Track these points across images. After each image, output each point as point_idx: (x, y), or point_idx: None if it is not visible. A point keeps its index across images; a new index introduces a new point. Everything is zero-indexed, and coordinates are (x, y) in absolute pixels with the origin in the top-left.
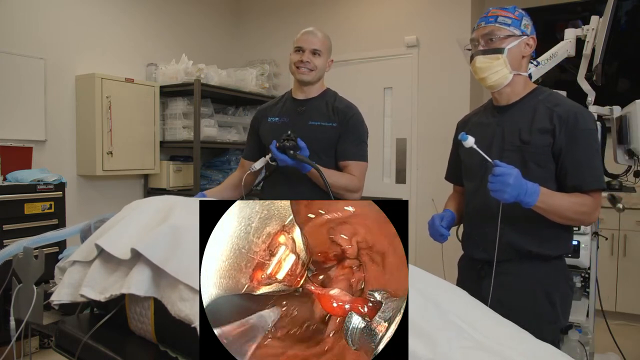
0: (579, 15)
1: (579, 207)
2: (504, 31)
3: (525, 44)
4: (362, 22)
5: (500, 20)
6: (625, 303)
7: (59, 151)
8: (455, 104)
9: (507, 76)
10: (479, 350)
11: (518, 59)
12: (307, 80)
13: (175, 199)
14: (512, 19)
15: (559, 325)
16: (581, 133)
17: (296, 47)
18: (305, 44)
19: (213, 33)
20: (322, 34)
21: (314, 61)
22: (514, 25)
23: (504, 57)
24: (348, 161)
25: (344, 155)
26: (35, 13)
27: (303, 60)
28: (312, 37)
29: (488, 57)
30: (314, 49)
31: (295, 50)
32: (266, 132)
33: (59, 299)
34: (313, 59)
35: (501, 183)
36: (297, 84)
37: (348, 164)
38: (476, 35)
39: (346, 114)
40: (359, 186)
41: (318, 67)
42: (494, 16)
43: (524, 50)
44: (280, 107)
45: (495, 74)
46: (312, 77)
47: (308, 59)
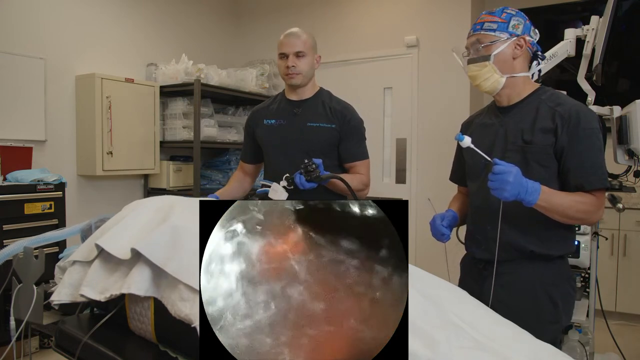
0: (579, 15)
1: (581, 206)
2: (489, 37)
3: (515, 45)
4: (362, 22)
5: (486, 27)
6: (625, 303)
7: (59, 151)
8: (455, 104)
9: (499, 80)
10: (479, 350)
11: (509, 61)
12: (297, 84)
13: (175, 198)
14: (498, 23)
15: (561, 325)
16: (583, 132)
17: (280, 53)
18: (287, 48)
19: (213, 33)
20: (304, 34)
21: (299, 64)
22: (500, 29)
23: (490, 63)
24: (354, 162)
25: (350, 158)
26: (35, 13)
27: (288, 66)
28: (293, 39)
29: (477, 65)
30: (297, 51)
31: (280, 57)
32: (264, 134)
33: (59, 299)
34: (298, 62)
35: (501, 181)
36: (288, 86)
37: (354, 165)
38: (467, 43)
39: (344, 115)
40: (368, 182)
41: (305, 69)
42: (480, 23)
43: (515, 52)
44: (275, 109)
45: (486, 80)
46: (302, 79)
47: (293, 63)
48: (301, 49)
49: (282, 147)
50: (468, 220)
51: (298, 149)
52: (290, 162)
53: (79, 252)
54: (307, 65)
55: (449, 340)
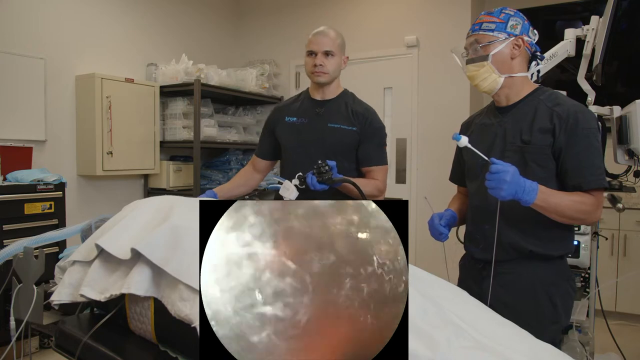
0: (579, 15)
1: (579, 205)
2: (487, 37)
3: (513, 45)
4: (362, 22)
5: (485, 27)
6: (625, 303)
7: (59, 151)
8: (455, 104)
9: (497, 80)
10: (479, 350)
11: (507, 61)
12: (323, 82)
13: (175, 198)
14: (496, 23)
15: (561, 325)
16: (581, 132)
17: (308, 51)
18: (316, 46)
19: (213, 33)
20: (334, 33)
21: (327, 63)
22: (498, 29)
23: (488, 63)
24: (371, 167)
25: (367, 162)
26: (35, 13)
27: (316, 64)
28: (322, 38)
29: (475, 65)
30: (326, 50)
31: (308, 54)
32: (284, 132)
33: (59, 298)
34: (326, 61)
35: (498, 180)
36: (314, 84)
37: (371, 170)
38: (465, 44)
39: (366, 118)
40: (383, 189)
41: (332, 68)
42: (479, 23)
43: (513, 52)
44: (297, 107)
45: (484, 80)
46: (328, 78)
47: (321, 62)
48: (330, 48)
49: (301, 146)
50: (467, 220)
51: (317, 149)
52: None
53: (79, 252)
54: (334, 65)
55: (449, 340)
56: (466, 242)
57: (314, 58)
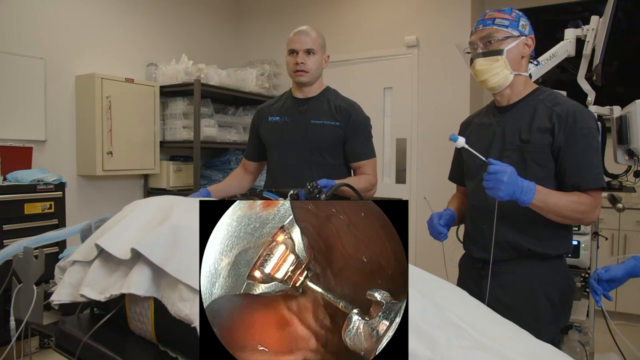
0: (579, 15)
1: (577, 205)
2: (502, 33)
3: (524, 44)
4: (362, 22)
5: (498, 22)
6: (625, 303)
7: (59, 151)
8: (455, 104)
9: (508, 77)
10: (478, 350)
11: (517, 59)
12: (305, 82)
13: (175, 198)
14: (509, 20)
15: (559, 325)
16: (580, 132)
17: (289, 50)
18: (297, 44)
19: (213, 33)
20: (314, 32)
21: (309, 62)
22: (511, 26)
23: (503, 58)
24: (360, 162)
25: (356, 157)
26: (35, 13)
27: (298, 62)
28: (303, 36)
29: (488, 59)
30: (307, 48)
31: (289, 53)
32: (267, 131)
33: (59, 299)
34: (307, 59)
35: (495, 181)
36: (295, 84)
37: (361, 164)
38: (475, 38)
39: (350, 113)
40: (375, 181)
41: (314, 67)
42: (491, 18)
43: (523, 51)
44: (280, 106)
45: (496, 75)
46: (310, 77)
47: (302, 60)
48: (311, 47)
49: (285, 145)
50: (466, 220)
51: (301, 146)
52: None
53: (79, 252)
54: (315, 64)
55: (449, 340)
56: (465, 241)
57: (295, 56)
